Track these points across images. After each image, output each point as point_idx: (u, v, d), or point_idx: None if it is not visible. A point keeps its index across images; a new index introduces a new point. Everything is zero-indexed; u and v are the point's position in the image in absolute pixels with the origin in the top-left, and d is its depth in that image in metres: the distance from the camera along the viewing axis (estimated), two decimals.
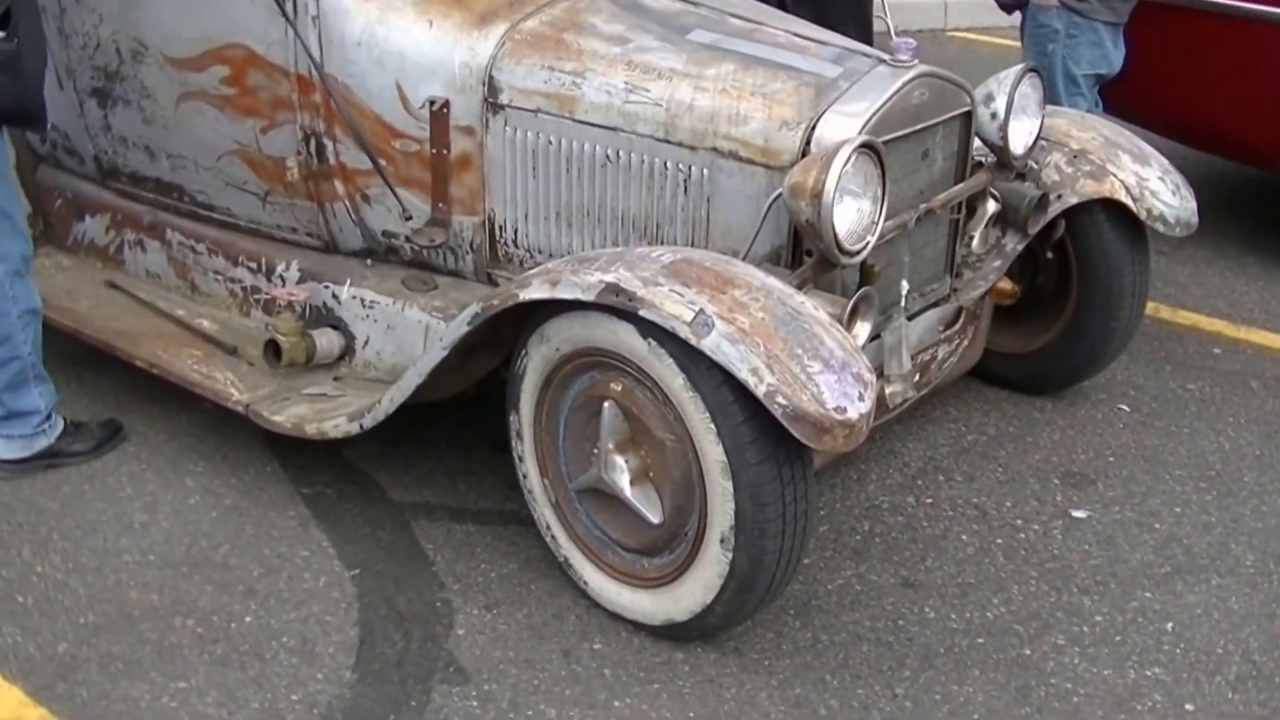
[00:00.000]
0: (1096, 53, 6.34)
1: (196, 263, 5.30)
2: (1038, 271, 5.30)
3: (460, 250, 4.75)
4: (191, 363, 4.94)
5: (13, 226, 4.66)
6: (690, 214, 4.31)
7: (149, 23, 5.00)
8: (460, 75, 4.53)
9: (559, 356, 4.02)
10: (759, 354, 3.55)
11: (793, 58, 4.37)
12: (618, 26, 4.55)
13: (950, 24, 11.31)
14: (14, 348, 4.72)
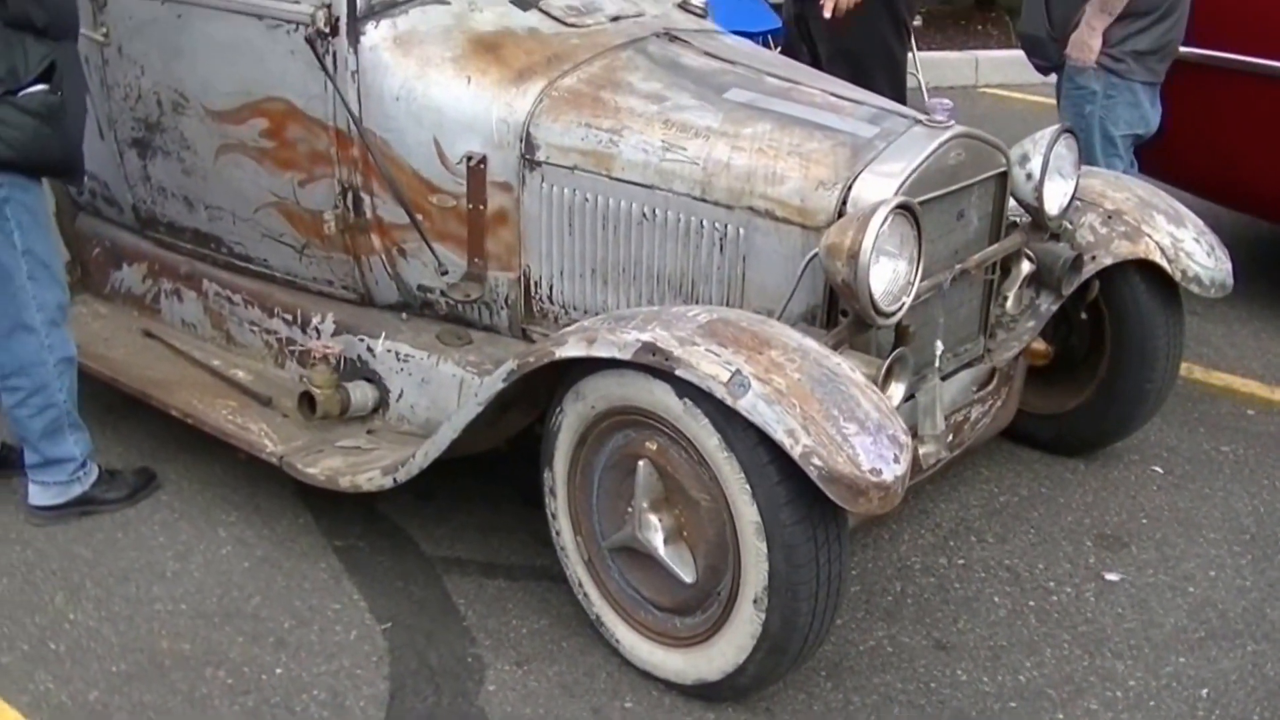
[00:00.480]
0: (1134, 113, 6.33)
1: (232, 313, 5.33)
2: (1071, 332, 5.29)
3: (495, 305, 4.76)
4: (226, 413, 4.96)
5: (51, 276, 4.70)
6: (726, 273, 4.32)
7: (190, 75, 5.03)
8: (498, 131, 4.56)
9: (594, 414, 4.02)
10: (795, 415, 3.55)
11: (829, 117, 4.39)
12: (655, 84, 4.57)
13: (981, 80, 11.33)
14: (50, 395, 4.74)
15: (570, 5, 4.93)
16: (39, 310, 4.66)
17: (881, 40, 6.81)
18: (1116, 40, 6.22)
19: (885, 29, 6.79)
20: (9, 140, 4.41)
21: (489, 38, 4.71)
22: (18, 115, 4.41)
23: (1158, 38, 6.27)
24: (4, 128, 4.40)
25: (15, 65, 4.39)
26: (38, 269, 4.64)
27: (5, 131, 4.40)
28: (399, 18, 4.67)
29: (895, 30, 6.88)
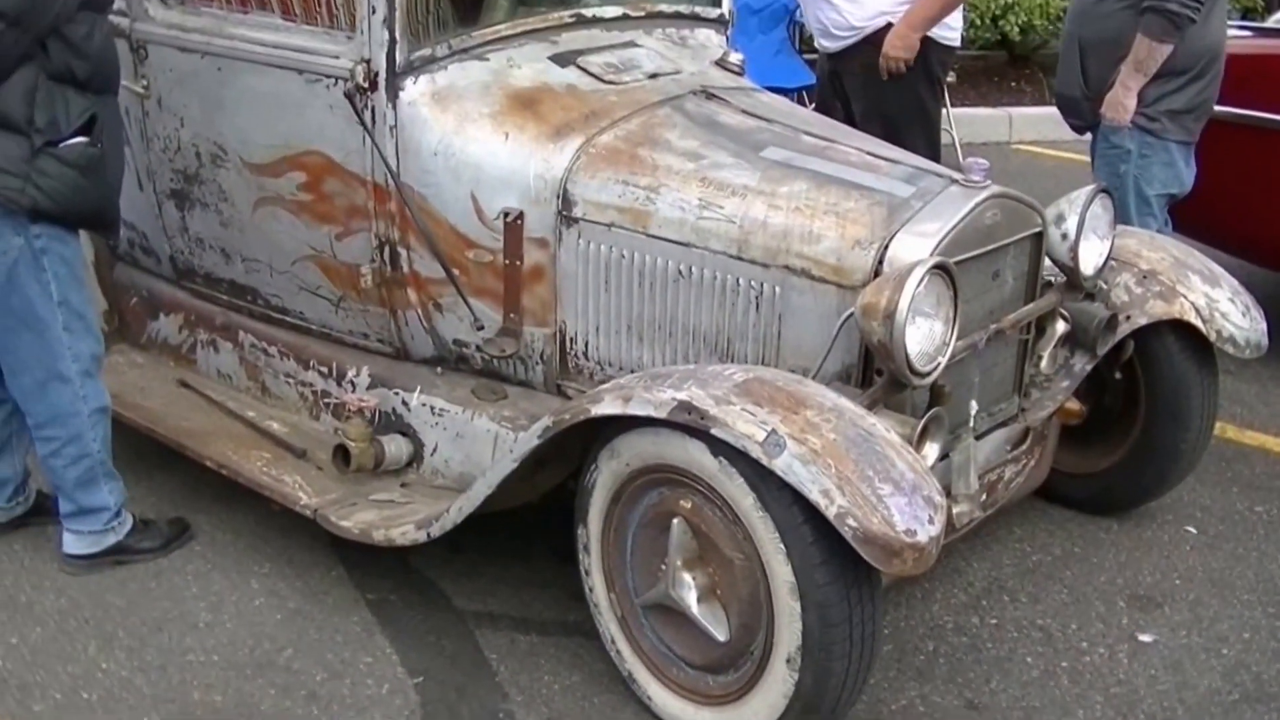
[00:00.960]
0: (1169, 172, 6.33)
1: (268, 365, 5.35)
2: (1105, 391, 5.28)
3: (530, 361, 4.77)
4: (261, 465, 4.98)
5: (86, 326, 4.73)
6: (761, 331, 4.33)
7: (229, 128, 5.07)
8: (535, 187, 4.58)
9: (629, 471, 4.03)
10: (830, 475, 3.55)
11: (865, 176, 4.40)
12: (692, 142, 4.59)
13: (1015, 137, 11.33)
14: (84, 445, 4.77)
15: (608, 62, 4.96)
16: (74, 361, 4.69)
17: (915, 96, 6.83)
18: (1151, 100, 6.22)
19: (919, 85, 6.81)
20: (48, 191, 4.44)
21: (527, 94, 4.74)
22: (58, 167, 4.44)
23: (1192, 97, 6.27)
24: (44, 179, 4.43)
25: (56, 117, 4.43)
26: (73, 320, 4.67)
27: (45, 182, 4.43)
28: (438, 73, 4.70)
29: (929, 86, 6.89)
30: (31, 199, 4.44)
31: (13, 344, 4.67)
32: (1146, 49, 6.10)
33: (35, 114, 4.40)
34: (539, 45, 4.92)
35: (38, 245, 4.54)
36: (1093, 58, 6.44)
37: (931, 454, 4.03)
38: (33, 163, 4.42)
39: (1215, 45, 6.31)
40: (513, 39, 4.90)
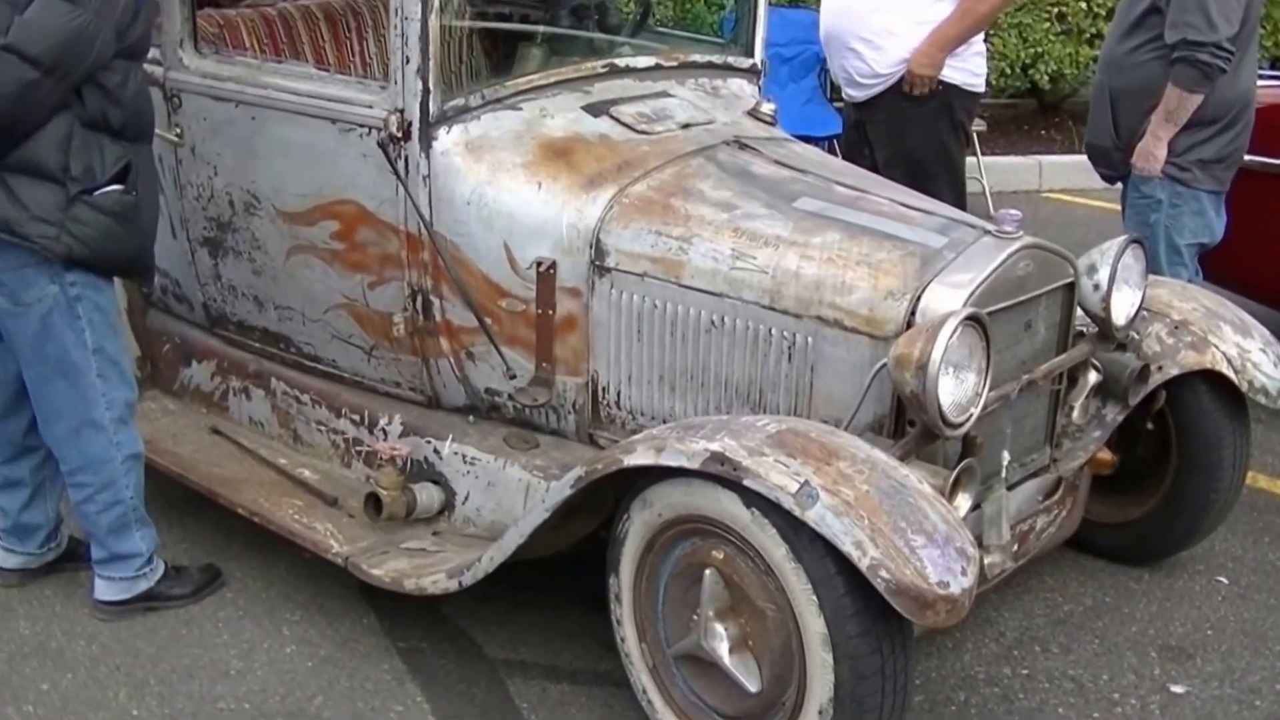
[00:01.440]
0: (1199, 222, 6.33)
1: (300, 413, 5.36)
2: (1137, 441, 5.27)
3: (562, 410, 4.78)
4: (292, 512, 4.99)
5: (120, 374, 4.75)
6: (794, 381, 4.33)
7: (262, 176, 5.09)
8: (568, 237, 4.59)
9: (661, 522, 4.03)
10: (863, 527, 3.56)
11: (898, 227, 4.41)
12: (725, 193, 4.61)
13: (1045, 185, 11.33)
14: (117, 492, 4.78)
15: (641, 112, 4.98)
16: (107, 408, 4.71)
17: (939, 143, 6.82)
18: (1182, 149, 6.24)
19: (943, 131, 6.80)
20: (83, 239, 4.47)
21: (560, 143, 4.76)
22: (92, 214, 4.47)
23: (1222, 146, 6.28)
24: (79, 226, 4.46)
25: (91, 165, 4.46)
26: (107, 367, 4.69)
27: (79, 230, 4.46)
28: (471, 123, 4.72)
29: (953, 132, 6.88)
30: (66, 247, 4.46)
31: (47, 391, 4.69)
32: (1177, 99, 6.12)
33: (70, 162, 4.43)
34: (572, 95, 4.94)
35: (72, 293, 4.56)
36: (1123, 107, 6.45)
37: (964, 505, 4.03)
38: (68, 211, 4.45)
39: (1245, 94, 6.32)
40: (546, 89, 4.93)
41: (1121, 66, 6.46)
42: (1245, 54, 6.24)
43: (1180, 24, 6.06)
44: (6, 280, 4.53)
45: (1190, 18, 6.03)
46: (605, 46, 5.88)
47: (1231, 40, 6.02)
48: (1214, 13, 5.99)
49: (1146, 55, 6.26)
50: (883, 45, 6.65)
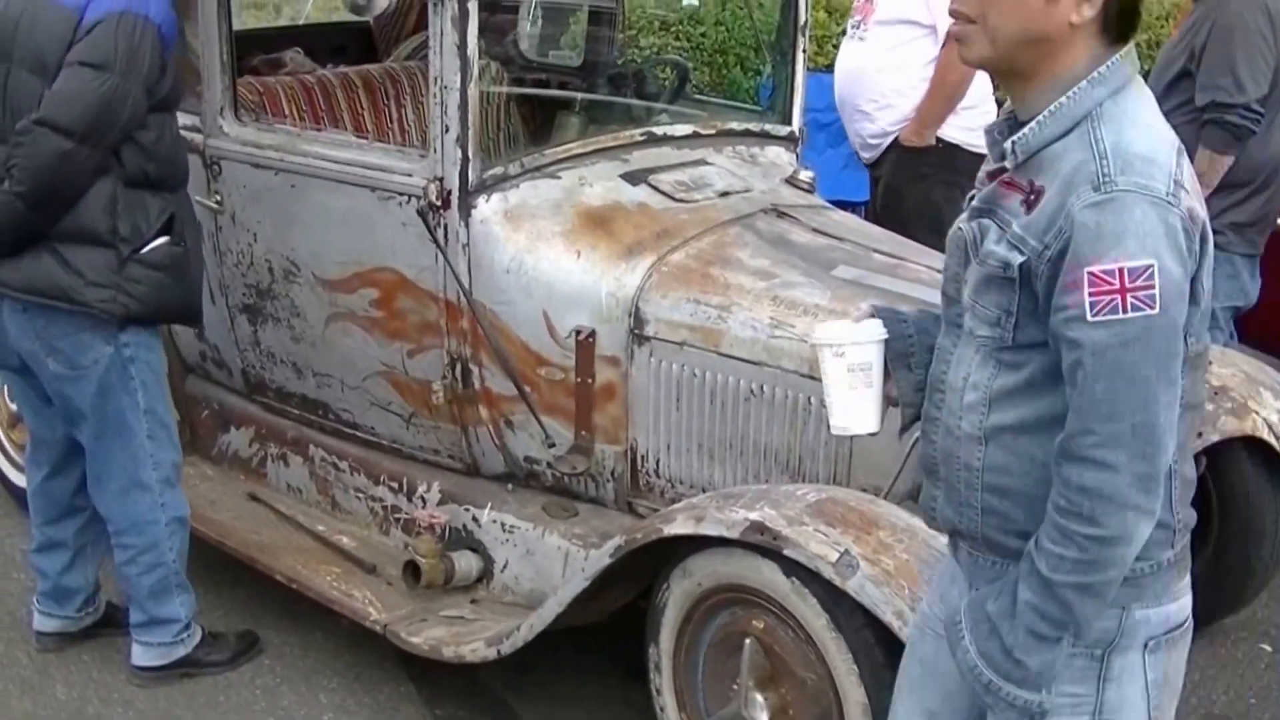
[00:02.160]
0: (1233, 285, 6.31)
1: (338, 479, 5.37)
2: None
3: (601, 478, 4.78)
4: (330, 579, 4.99)
5: (168, 435, 4.80)
6: (832, 450, 4.32)
7: (302, 243, 5.12)
8: (607, 306, 4.60)
9: (700, 591, 4.03)
10: (904, 596, 3.55)
11: (935, 294, 4.38)
12: (763, 261, 4.62)
13: None
14: (160, 554, 4.80)
15: (679, 180, 5.00)
16: (155, 469, 4.75)
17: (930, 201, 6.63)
18: (1215, 213, 6.11)
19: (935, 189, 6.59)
20: (139, 296, 4.53)
21: (599, 212, 4.78)
22: (145, 271, 4.53)
23: (1256, 210, 6.28)
24: (134, 285, 4.52)
25: (138, 223, 4.52)
26: (157, 428, 4.74)
27: (134, 289, 4.52)
28: (510, 192, 4.74)
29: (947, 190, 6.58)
30: (124, 306, 4.52)
31: (102, 451, 4.74)
32: (1208, 161, 6.10)
33: (118, 224, 4.49)
34: (610, 163, 4.96)
35: (126, 354, 4.62)
36: None
37: None
38: (121, 272, 4.51)
39: (1277, 157, 6.30)
40: (584, 157, 4.96)
41: None
42: (1277, 116, 6.22)
43: (1210, 86, 6.08)
44: (63, 347, 4.57)
45: (1219, 80, 6.04)
46: (643, 114, 5.91)
47: (1261, 102, 6.03)
48: (1243, 74, 6.00)
49: (1178, 120, 6.22)
50: (892, 104, 6.66)
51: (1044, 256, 2.51)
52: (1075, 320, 2.45)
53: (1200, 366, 2.67)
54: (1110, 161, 2.48)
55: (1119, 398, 2.44)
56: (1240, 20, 6.06)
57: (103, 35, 4.36)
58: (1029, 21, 2.57)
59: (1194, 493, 4.93)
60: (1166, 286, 2.42)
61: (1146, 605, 2.66)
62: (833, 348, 3.00)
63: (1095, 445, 2.45)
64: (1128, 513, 2.47)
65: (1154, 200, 2.44)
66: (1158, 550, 2.64)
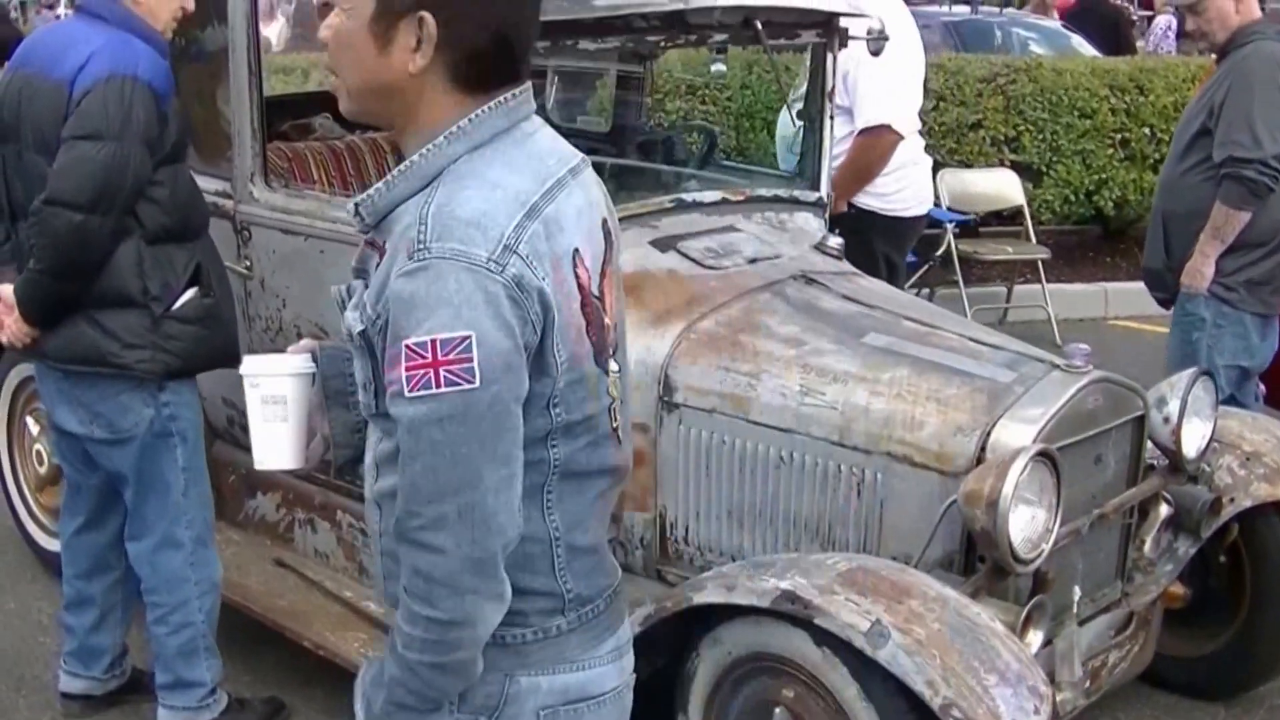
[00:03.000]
0: (1240, 344, 6.30)
1: (365, 545, 5.35)
2: (1209, 574, 5.22)
3: (630, 545, 4.77)
4: (358, 645, 4.97)
5: (202, 494, 4.83)
6: (863, 517, 4.31)
7: (330, 309, 5.07)
8: (636, 373, 4.58)
9: (730, 660, 4.02)
10: (935, 666, 3.54)
11: (966, 362, 4.40)
12: (793, 328, 4.62)
13: (1111, 313, 11.28)
14: (189, 614, 4.79)
15: (708, 247, 5.00)
16: (187, 527, 4.76)
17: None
18: (1230, 270, 6.26)
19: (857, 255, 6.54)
20: (176, 352, 4.58)
21: (628, 279, 4.63)
22: (180, 327, 4.58)
23: (1271, 269, 6.30)
24: (171, 342, 4.57)
25: (167, 279, 4.56)
26: (192, 486, 4.78)
27: (171, 345, 4.57)
28: None
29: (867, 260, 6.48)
30: (163, 364, 4.57)
31: (141, 509, 4.76)
32: (1224, 216, 6.15)
33: (147, 283, 4.53)
34: (639, 230, 4.96)
35: (166, 413, 4.65)
36: (1176, 229, 6.46)
37: (1035, 642, 4.00)
38: (157, 330, 4.55)
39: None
40: None
41: (1175, 189, 6.50)
42: None
43: (1228, 142, 6.12)
44: (103, 411, 4.60)
45: (1237, 135, 6.09)
46: (672, 180, 5.92)
47: (1279, 158, 6.05)
48: (1260, 130, 6.05)
49: (1198, 177, 6.30)
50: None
51: (376, 325, 2.37)
52: (396, 396, 2.30)
53: (591, 431, 2.49)
54: (429, 227, 2.30)
55: (440, 478, 2.29)
56: (1258, 76, 6.13)
57: (92, 104, 4.38)
58: (369, 74, 2.42)
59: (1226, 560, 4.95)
60: (488, 359, 2.25)
61: (534, 673, 2.51)
62: (249, 378, 2.88)
63: (421, 528, 2.31)
64: (465, 597, 2.33)
65: (470, 267, 2.25)
66: (544, 619, 2.50)
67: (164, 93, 4.53)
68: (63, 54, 4.48)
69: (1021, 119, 11.77)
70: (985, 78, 11.82)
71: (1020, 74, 11.93)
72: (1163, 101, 11.90)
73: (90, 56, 4.42)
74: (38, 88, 4.51)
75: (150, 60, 4.50)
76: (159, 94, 4.50)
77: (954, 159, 11.51)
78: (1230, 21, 6.31)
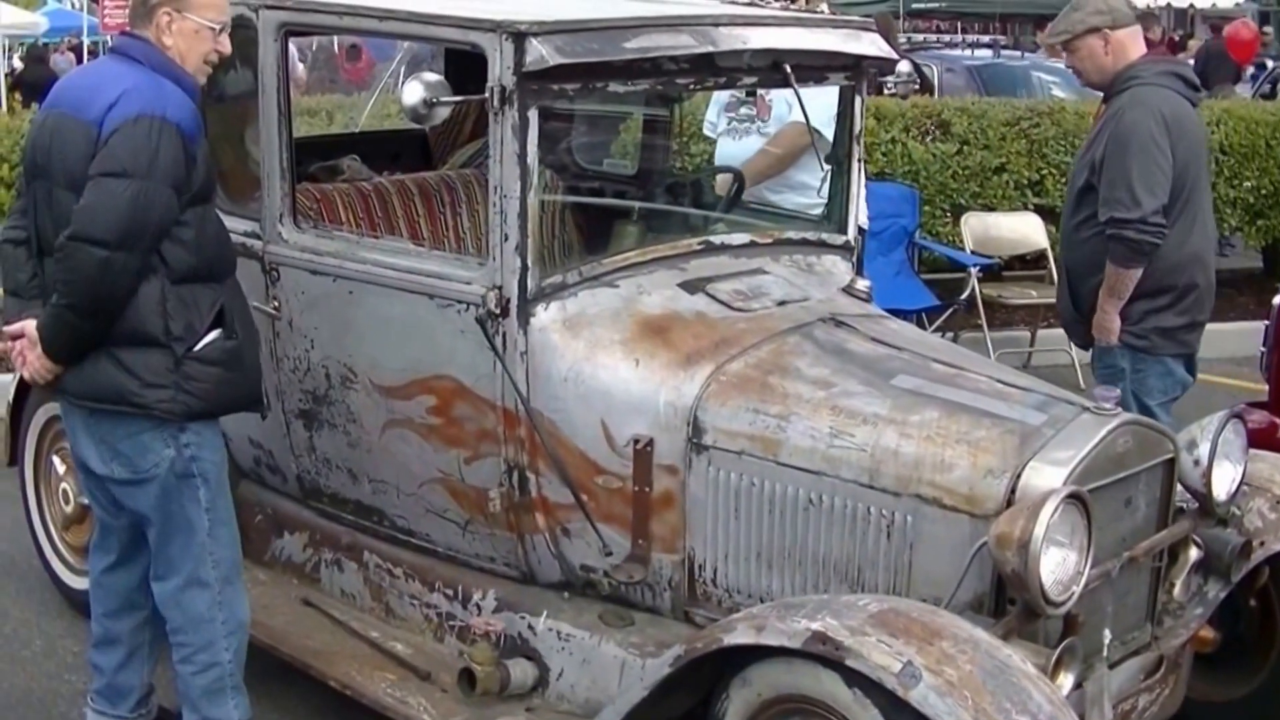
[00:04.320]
0: (1167, 381, 6.28)
1: (393, 586, 5.36)
2: (1239, 618, 5.20)
3: (658, 587, 4.76)
4: (385, 686, 4.97)
5: (229, 534, 4.83)
6: (892, 560, 4.31)
7: (359, 350, 5.14)
8: (665, 415, 4.60)
9: (760, 701, 4.00)
10: (967, 708, 3.53)
11: (996, 404, 4.41)
12: (823, 370, 4.62)
13: None
14: (215, 654, 4.79)
15: (737, 289, 5.01)
16: (214, 567, 4.75)
17: None
18: (1137, 318, 6.24)
19: None
20: (198, 393, 4.57)
21: (657, 321, 4.80)
22: (201, 368, 4.57)
23: (1180, 314, 6.28)
24: (192, 383, 4.55)
25: (190, 320, 4.55)
26: (217, 526, 4.76)
27: (193, 386, 4.56)
28: (568, 300, 4.77)
29: None
30: (184, 405, 4.56)
31: (166, 549, 4.75)
32: (1115, 275, 6.15)
33: (170, 324, 4.52)
34: (668, 272, 4.98)
35: (187, 454, 4.64)
36: (1077, 281, 6.49)
37: (1066, 684, 4.00)
38: (179, 370, 4.54)
39: (1196, 257, 6.31)
40: (642, 266, 4.99)
41: (1071, 242, 6.53)
42: (1192, 216, 6.25)
43: (1110, 201, 6.09)
44: (125, 450, 4.60)
45: (1117, 194, 6.06)
46: (700, 223, 5.95)
47: (1159, 212, 6.02)
48: (1138, 189, 6.00)
49: (1088, 231, 6.28)
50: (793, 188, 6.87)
51: None
52: None
53: None
54: None
55: None
56: (1134, 133, 6.09)
57: (120, 142, 4.41)
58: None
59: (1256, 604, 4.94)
60: None
61: None
62: None
63: None
64: None
65: None
66: None
67: (192, 134, 4.54)
68: (93, 94, 4.51)
69: (1045, 162, 11.79)
70: (1009, 121, 11.85)
71: (1043, 117, 11.97)
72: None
73: (120, 97, 4.44)
74: (68, 127, 4.53)
75: (179, 101, 4.53)
76: (187, 135, 4.51)
77: (978, 202, 11.54)
78: (1102, 63, 6.33)
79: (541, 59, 4.52)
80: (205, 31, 4.63)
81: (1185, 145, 6.17)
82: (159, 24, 4.58)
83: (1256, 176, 12.26)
